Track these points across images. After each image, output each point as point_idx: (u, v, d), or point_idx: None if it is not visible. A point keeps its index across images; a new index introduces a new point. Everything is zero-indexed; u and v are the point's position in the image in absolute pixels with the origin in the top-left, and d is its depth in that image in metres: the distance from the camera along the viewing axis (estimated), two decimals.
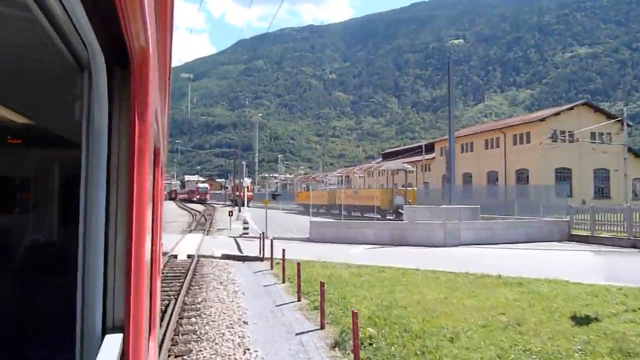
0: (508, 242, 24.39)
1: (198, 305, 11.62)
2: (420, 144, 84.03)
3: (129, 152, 1.38)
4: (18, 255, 4.75)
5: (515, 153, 49.07)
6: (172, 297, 12.44)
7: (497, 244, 24.11)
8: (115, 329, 1.33)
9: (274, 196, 34.71)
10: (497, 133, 52.29)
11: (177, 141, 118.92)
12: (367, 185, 65.38)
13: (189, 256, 19.35)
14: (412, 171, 39.34)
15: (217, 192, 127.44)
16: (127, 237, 1.36)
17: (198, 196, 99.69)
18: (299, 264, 12.84)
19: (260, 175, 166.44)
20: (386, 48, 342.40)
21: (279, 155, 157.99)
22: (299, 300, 11.96)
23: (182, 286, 13.31)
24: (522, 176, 48.33)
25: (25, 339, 3.63)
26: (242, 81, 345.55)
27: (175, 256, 19.44)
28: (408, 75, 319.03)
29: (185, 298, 12.37)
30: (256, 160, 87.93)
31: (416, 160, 60.88)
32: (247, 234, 26.83)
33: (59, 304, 2.53)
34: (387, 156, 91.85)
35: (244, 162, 38.40)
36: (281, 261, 15.48)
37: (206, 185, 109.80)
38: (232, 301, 12.09)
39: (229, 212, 32.44)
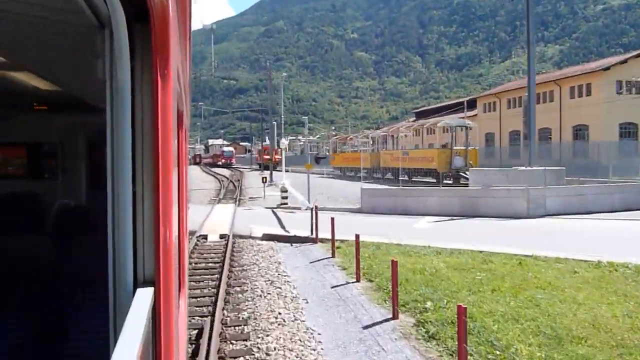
0: (602, 210, 19.81)
1: (245, 329, 7.52)
2: (457, 100, 78.18)
3: (152, 110, 1.38)
4: (50, 218, 4.65)
5: (573, 107, 43.62)
6: (205, 308, 8.39)
7: (589, 213, 19.55)
8: (146, 283, 1.36)
9: (317, 159, 29.95)
10: (551, 86, 46.69)
11: (200, 103, 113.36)
12: (413, 145, 59.45)
13: (222, 236, 15.30)
14: (472, 128, 34.07)
15: (242, 155, 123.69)
16: (154, 197, 1.37)
17: (223, 160, 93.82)
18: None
19: (283, 138, 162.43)
20: (409, 5, 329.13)
21: (304, 117, 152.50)
22: (394, 317, 7.75)
23: (217, 289, 9.23)
24: (580, 133, 43.08)
25: (61, 295, 3.61)
26: (263, 43, 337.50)
27: (205, 237, 15.39)
28: (432, 32, 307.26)
29: (225, 312, 8.29)
30: (282, 121, 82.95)
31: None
32: (286, 204, 22.69)
33: (93, 262, 2.37)
34: (420, 115, 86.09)
35: (274, 122, 34.33)
36: (341, 244, 11.37)
37: (231, 148, 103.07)
38: (295, 319, 7.95)
39: (263, 178, 28.20)
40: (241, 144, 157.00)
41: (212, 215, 20.16)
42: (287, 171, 62.85)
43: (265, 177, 27.88)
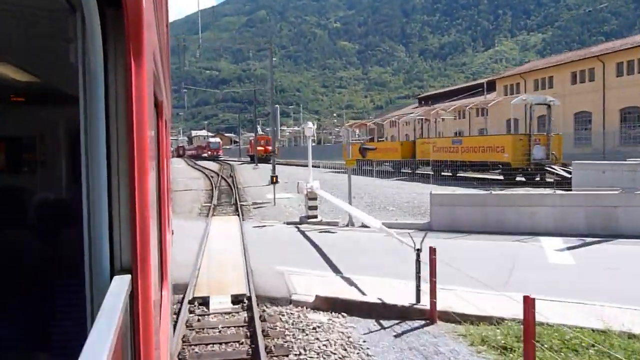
0: None
1: None
2: (471, 83, 71.12)
3: (126, 97, 1.35)
4: (29, 211, 4.69)
5: (620, 87, 36.79)
6: None
7: None
8: (123, 271, 1.34)
9: (362, 151, 21.92)
10: (592, 62, 39.70)
11: (183, 90, 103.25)
12: (451, 132, 49.87)
13: (235, 301, 7.90)
14: (557, 105, 25.32)
15: (228, 147, 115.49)
16: (129, 185, 1.35)
17: (209, 152, 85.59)
18: None
19: (267, 129, 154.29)
20: None
21: (290, 107, 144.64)
22: None
23: None
24: (629, 116, 36.34)
25: (39, 286, 3.63)
26: (245, 33, 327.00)
27: (205, 301, 7.95)
28: (415, 22, 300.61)
29: None
30: (275, 110, 75.01)
31: (469, 104, 48.14)
32: (315, 216, 15.25)
33: (72, 253, 2.34)
34: (425, 100, 78.18)
35: (276, 106, 27.41)
36: (474, 326, 4.44)
37: (218, 139, 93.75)
38: None
39: (272, 178, 20.59)
40: (226, 135, 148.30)
41: (209, 241, 12.56)
42: (279, 166, 55.71)
43: (275, 177, 20.34)
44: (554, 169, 21.36)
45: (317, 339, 6.56)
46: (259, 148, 57.29)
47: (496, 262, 9.96)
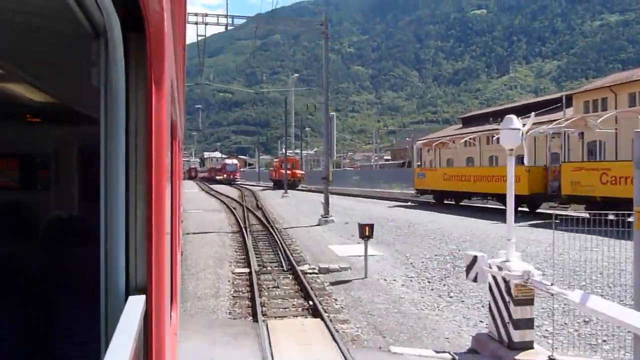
0: None
1: None
2: (528, 101, 61.87)
3: (146, 119, 1.36)
4: (42, 229, 4.66)
5: None
6: None
7: None
8: (138, 291, 1.34)
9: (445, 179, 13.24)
10: None
11: (197, 106, 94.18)
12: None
13: None
14: None
15: (242, 169, 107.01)
16: (146, 206, 1.36)
17: (225, 175, 74.14)
18: None
19: (280, 152, 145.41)
20: (406, 20, 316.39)
21: (307, 128, 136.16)
22: None
23: None
24: None
25: (53, 305, 3.62)
26: (259, 56, 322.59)
27: None
28: (429, 47, 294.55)
29: None
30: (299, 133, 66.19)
31: (540, 122, 37.65)
32: (530, 344, 6.04)
33: (85, 272, 2.38)
34: (468, 121, 69.07)
35: (332, 114, 19.05)
36: None
37: (235, 161, 79.23)
38: None
39: (364, 228, 10.91)
40: (240, 157, 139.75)
41: None
42: (303, 190, 50.15)
43: (369, 229, 10.87)
44: None
45: None
46: (287, 171, 48.27)
47: None
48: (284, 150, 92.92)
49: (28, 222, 4.90)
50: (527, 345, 6.19)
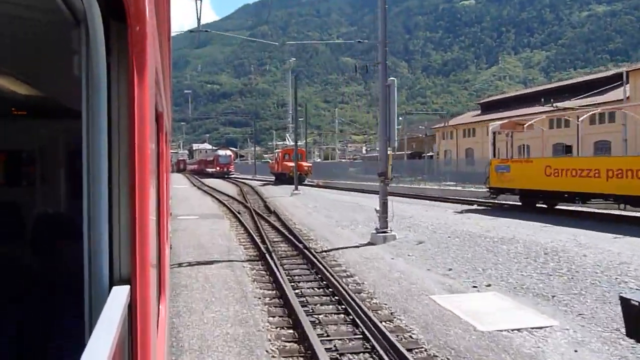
0: None
1: None
2: (558, 84, 57.71)
3: (128, 108, 1.36)
4: (28, 225, 4.69)
5: None
6: None
7: None
8: (122, 281, 1.35)
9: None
10: None
11: (185, 91, 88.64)
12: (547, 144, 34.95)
13: None
14: None
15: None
16: (130, 198, 1.36)
17: (217, 168, 66.47)
18: None
19: (270, 144, 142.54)
20: (395, 11, 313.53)
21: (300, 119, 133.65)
22: None
23: None
24: None
25: (37, 299, 3.68)
26: (247, 47, 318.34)
27: None
28: (418, 38, 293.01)
29: None
30: (296, 122, 61.06)
31: (582, 106, 30.61)
32: None
33: (71, 267, 2.37)
34: (488, 107, 63.20)
35: (393, 79, 15.27)
36: None
37: (229, 152, 71.09)
38: None
39: None
40: (230, 148, 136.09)
41: None
42: (310, 186, 42.84)
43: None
44: None
45: None
46: (289, 164, 41.55)
47: None
48: (276, 141, 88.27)
49: (16, 217, 4.85)
50: None
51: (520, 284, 9.39)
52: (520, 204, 20.99)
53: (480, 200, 24.52)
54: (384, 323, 7.23)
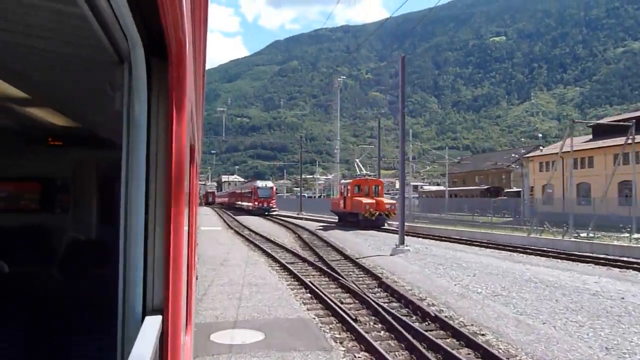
0: None
1: None
2: None
3: (166, 143, 1.39)
4: (61, 251, 4.82)
5: None
6: None
7: None
8: (155, 311, 1.36)
9: None
10: None
11: (212, 151, 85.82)
12: None
13: None
14: None
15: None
16: (165, 230, 1.38)
17: (256, 203, 54.83)
18: None
19: (298, 177, 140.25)
20: (424, 46, 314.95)
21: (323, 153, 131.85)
22: None
23: None
24: None
25: (70, 325, 3.68)
26: (277, 82, 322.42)
27: None
28: (447, 74, 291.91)
29: None
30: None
31: None
32: None
33: (103, 294, 2.43)
34: (604, 131, 45.75)
35: None
36: None
37: (270, 184, 59.47)
38: None
39: None
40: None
41: None
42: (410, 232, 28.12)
43: None
44: None
45: None
46: (363, 201, 31.11)
47: None
48: (317, 173, 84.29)
49: (48, 244, 4.97)
50: None
51: None
52: None
53: None
54: None
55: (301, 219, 44.87)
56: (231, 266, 15.90)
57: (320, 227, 33.01)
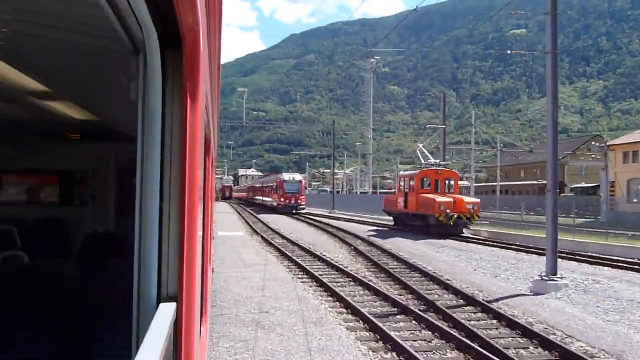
0: None
1: None
2: None
3: (181, 133, 1.41)
4: (79, 242, 4.83)
5: None
6: None
7: None
8: (169, 299, 1.39)
9: None
10: None
11: (229, 142, 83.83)
12: None
13: None
14: None
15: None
16: (179, 220, 1.40)
17: (282, 200, 46.43)
18: None
19: (316, 171, 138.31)
20: (442, 40, 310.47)
21: (338, 150, 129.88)
22: None
23: None
24: None
25: (87, 315, 3.74)
26: (293, 76, 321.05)
27: None
28: (467, 67, 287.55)
29: None
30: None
31: None
32: None
33: (119, 284, 2.42)
34: None
35: None
36: None
37: (299, 177, 50.92)
38: None
39: None
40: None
41: None
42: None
43: None
44: None
45: None
46: (433, 199, 24.16)
47: None
48: (344, 167, 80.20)
49: (67, 235, 5.04)
50: None
51: None
52: None
53: None
54: None
55: (337, 218, 38.55)
56: (276, 329, 8.77)
57: (373, 233, 26.59)
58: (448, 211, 23.29)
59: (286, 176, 49.56)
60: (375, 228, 29.83)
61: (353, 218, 39.11)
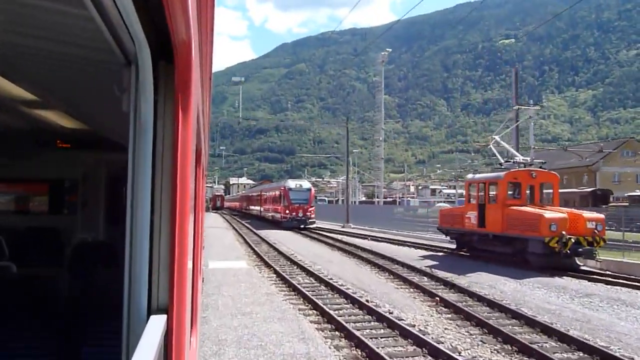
0: None
1: None
2: None
3: (172, 144, 1.41)
4: (68, 252, 4.84)
5: None
6: None
7: None
8: (159, 311, 1.38)
9: None
10: None
11: (221, 147, 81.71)
12: None
13: None
14: None
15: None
16: (170, 231, 1.40)
17: (287, 212, 38.42)
18: None
19: (317, 179, 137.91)
20: (432, 49, 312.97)
21: (331, 155, 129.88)
22: None
23: None
24: None
25: (76, 324, 3.76)
26: (284, 84, 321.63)
27: None
28: (457, 76, 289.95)
29: None
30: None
31: None
32: None
33: (109, 293, 2.55)
34: None
35: None
36: None
37: (308, 185, 41.06)
38: None
39: None
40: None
41: None
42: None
43: None
44: None
45: None
46: (528, 212, 16.81)
47: None
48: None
49: (56, 245, 5.01)
50: None
51: None
52: None
53: None
54: None
55: (356, 235, 31.80)
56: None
57: (431, 261, 18.64)
58: (563, 232, 15.81)
59: (292, 183, 40.98)
60: (426, 253, 22.10)
61: (377, 235, 31.75)
